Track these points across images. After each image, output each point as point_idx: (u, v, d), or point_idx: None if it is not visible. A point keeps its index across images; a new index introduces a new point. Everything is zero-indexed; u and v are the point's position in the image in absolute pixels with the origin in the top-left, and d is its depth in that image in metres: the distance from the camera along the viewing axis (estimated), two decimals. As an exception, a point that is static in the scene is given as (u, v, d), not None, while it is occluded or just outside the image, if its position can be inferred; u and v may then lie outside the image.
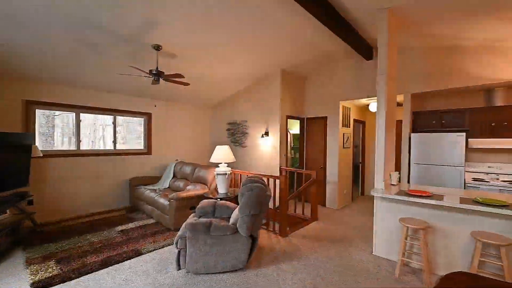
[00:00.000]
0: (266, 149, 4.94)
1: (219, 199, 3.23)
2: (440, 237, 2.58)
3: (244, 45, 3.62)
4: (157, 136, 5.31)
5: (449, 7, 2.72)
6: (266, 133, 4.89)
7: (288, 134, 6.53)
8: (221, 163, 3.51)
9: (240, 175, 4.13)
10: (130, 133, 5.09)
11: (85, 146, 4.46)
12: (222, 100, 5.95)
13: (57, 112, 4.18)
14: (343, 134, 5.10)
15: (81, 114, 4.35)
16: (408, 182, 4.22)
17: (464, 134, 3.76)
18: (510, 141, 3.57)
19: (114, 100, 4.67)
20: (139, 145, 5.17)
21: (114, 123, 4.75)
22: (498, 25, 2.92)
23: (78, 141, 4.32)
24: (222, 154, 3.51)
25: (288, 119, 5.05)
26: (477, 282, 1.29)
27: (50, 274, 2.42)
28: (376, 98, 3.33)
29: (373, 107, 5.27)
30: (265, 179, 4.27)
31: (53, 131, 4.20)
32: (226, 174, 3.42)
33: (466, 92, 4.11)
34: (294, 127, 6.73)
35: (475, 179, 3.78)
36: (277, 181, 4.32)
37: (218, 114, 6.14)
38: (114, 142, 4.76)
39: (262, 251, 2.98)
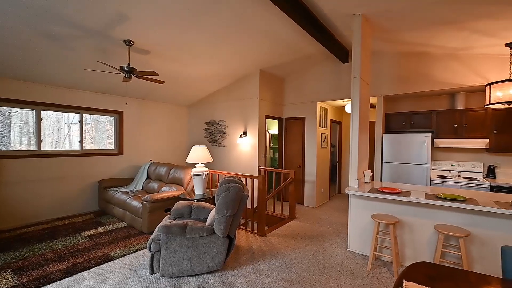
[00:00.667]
0: (245, 149, 4.97)
1: (195, 200, 3.19)
2: (408, 231, 2.78)
3: (222, 44, 3.62)
4: (130, 135, 5.10)
5: (415, 18, 2.95)
6: (245, 133, 4.92)
7: (267, 134, 6.64)
8: (198, 163, 3.47)
9: (218, 175, 4.11)
10: (100, 133, 4.85)
11: (47, 146, 4.16)
12: (200, 99, 5.88)
13: (14, 109, 3.86)
14: (321, 134, 5.29)
15: (42, 112, 4.06)
16: (381, 180, 4.49)
17: (430, 134, 4.08)
18: (469, 141, 3.94)
19: (81, 97, 4.42)
20: (110, 145, 4.94)
21: (81, 121, 4.49)
22: (459, 35, 3.22)
23: (39, 140, 4.02)
24: (199, 154, 3.48)
25: (267, 119, 5.13)
26: (435, 270, 1.42)
27: (6, 287, 2.23)
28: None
29: (348, 108, 5.53)
30: (243, 179, 4.30)
31: (10, 130, 3.87)
32: (203, 174, 3.39)
33: (433, 95, 4.47)
34: (273, 127, 6.86)
35: (440, 176, 4.13)
36: (255, 181, 4.36)
37: (196, 113, 6.05)
38: (81, 142, 4.49)
39: (239, 251, 2.99)
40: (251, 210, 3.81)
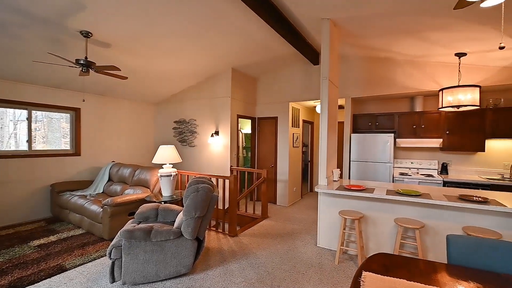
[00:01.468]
0: (217, 148, 4.93)
1: (163, 203, 3.09)
2: (372, 225, 3.00)
3: (192, 40, 3.55)
4: (89, 134, 4.76)
5: (379, 26, 3.18)
6: (216, 132, 4.88)
7: (240, 133, 6.66)
8: (165, 164, 3.37)
9: (188, 176, 4.03)
10: (53, 131, 4.45)
11: (-13, 145, 3.71)
12: (169, 96, 5.70)
13: None
14: (293, 134, 5.45)
15: (-19, 106, 3.62)
16: (349, 178, 4.77)
17: (392, 134, 4.43)
18: (426, 141, 4.37)
19: (29, 92, 4.02)
20: (66, 145, 4.56)
21: (29, 118, 4.08)
22: (418, 44, 3.55)
23: (-23, 139, 3.57)
24: (166, 154, 3.37)
25: (240, 119, 5.15)
26: (390, 260, 1.56)
27: None
28: (320, 99, 3.68)
29: (319, 109, 5.78)
30: (214, 180, 4.27)
31: None
32: (171, 175, 3.29)
33: (395, 98, 4.87)
34: (246, 127, 6.90)
35: (401, 173, 4.51)
36: (227, 181, 4.35)
37: (164, 112, 5.85)
38: (29, 141, 4.08)
39: (209, 253, 2.97)
40: (222, 211, 3.79)
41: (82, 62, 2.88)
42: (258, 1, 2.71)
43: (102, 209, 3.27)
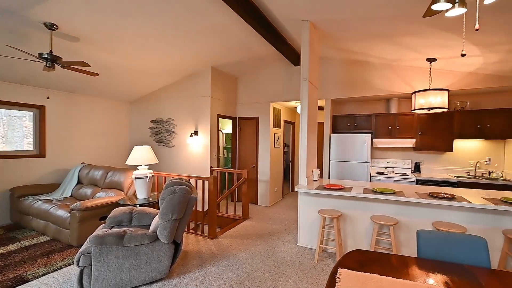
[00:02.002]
0: (196, 149, 4.85)
1: (137, 206, 2.98)
2: (350, 223, 3.11)
3: (170, 37, 3.45)
4: (55, 134, 4.47)
5: (356, 29, 3.31)
6: (196, 133, 4.80)
7: (220, 133, 6.61)
8: (140, 165, 3.25)
9: (165, 177, 3.92)
10: (14, 131, 4.12)
11: None
12: (145, 95, 5.52)
13: None
14: (274, 134, 5.51)
15: None
16: (329, 177, 4.90)
17: (370, 135, 4.63)
18: (401, 141, 4.61)
19: (-13, 85, 3.70)
20: (29, 145, 4.24)
21: (-13, 115, 3.76)
22: (392, 48, 3.74)
23: None
24: (141, 155, 3.25)
25: (220, 118, 5.11)
26: (365, 256, 1.63)
27: None
28: (301, 100, 3.75)
29: (300, 110, 5.90)
30: (193, 181, 4.20)
31: None
32: (146, 177, 3.19)
33: (373, 100, 5.09)
34: (227, 127, 6.86)
35: (378, 173, 4.72)
36: (206, 182, 4.30)
37: (140, 111, 5.65)
38: (-13, 140, 3.76)
39: (188, 257, 2.91)
40: (202, 213, 3.74)
41: (46, 56, 2.70)
42: (238, 0, 2.71)
43: (70, 214, 3.09)
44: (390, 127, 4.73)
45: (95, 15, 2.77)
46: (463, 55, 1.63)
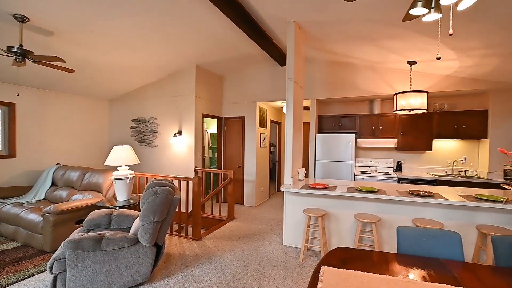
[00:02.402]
0: (180, 149, 4.77)
1: (117, 208, 2.89)
2: (334, 221, 3.18)
3: (152, 33, 3.37)
4: (27, 134, 4.23)
5: (339, 31, 3.38)
6: (180, 132, 4.72)
7: (206, 133, 6.54)
8: (120, 166, 3.15)
9: (147, 178, 3.83)
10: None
11: None
12: (126, 93, 5.36)
13: None
14: (260, 134, 5.53)
15: None
16: (315, 177, 4.99)
17: (354, 135, 4.75)
18: (383, 141, 4.77)
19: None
20: (-2, 144, 4.00)
21: (-50, 112, 3.50)
22: (375, 50, 3.86)
23: None
24: (121, 155, 3.15)
25: (205, 118, 5.06)
26: (348, 254, 1.67)
27: None
28: (286, 100, 3.79)
29: (286, 109, 5.96)
30: (177, 182, 4.13)
31: None
32: (127, 178, 3.10)
33: (357, 101, 5.23)
34: (212, 126, 6.80)
35: (362, 172, 4.85)
36: (190, 183, 4.24)
37: (120, 109, 5.47)
38: (-50, 139, 3.50)
39: (170, 259, 2.86)
40: (186, 214, 3.68)
41: (15, 50, 2.56)
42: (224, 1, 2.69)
43: (42, 218, 2.94)
44: (373, 128, 4.87)
45: (70, 7, 2.65)
46: (438, 58, 1.71)
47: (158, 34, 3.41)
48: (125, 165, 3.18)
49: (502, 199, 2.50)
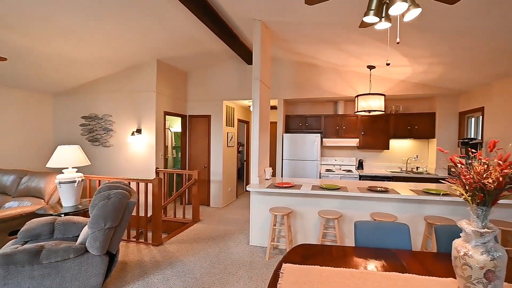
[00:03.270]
0: (139, 149, 4.52)
1: (62, 215, 2.63)
2: (300, 219, 3.28)
3: (105, 20, 3.10)
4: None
5: (304, 33, 3.51)
6: (138, 131, 4.47)
7: (169, 132, 6.30)
8: (67, 168, 2.87)
9: (99, 181, 3.55)
10: None
11: None
12: (74, 87, 4.89)
13: None
14: (227, 133, 5.49)
15: None
16: (282, 176, 5.10)
17: (319, 135, 4.97)
18: (347, 140, 5.07)
19: None
20: None
21: None
22: (338, 54, 4.08)
23: None
24: (68, 156, 2.86)
25: (167, 116, 4.87)
26: (309, 250, 1.73)
27: None
28: (254, 99, 3.81)
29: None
30: (134, 184, 3.90)
31: None
32: (75, 181, 2.83)
33: (322, 101, 5.47)
34: (176, 125, 6.57)
35: (327, 170, 5.09)
36: (150, 185, 4.04)
37: (68, 105, 4.98)
38: None
39: (126, 268, 2.69)
40: (146, 219, 3.49)
41: None
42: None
43: (-32, 230, 2.55)
44: (337, 127, 5.15)
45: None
46: (387, 64, 1.86)
47: (112, 23, 3.18)
48: (73, 167, 2.91)
49: (440, 192, 2.83)
